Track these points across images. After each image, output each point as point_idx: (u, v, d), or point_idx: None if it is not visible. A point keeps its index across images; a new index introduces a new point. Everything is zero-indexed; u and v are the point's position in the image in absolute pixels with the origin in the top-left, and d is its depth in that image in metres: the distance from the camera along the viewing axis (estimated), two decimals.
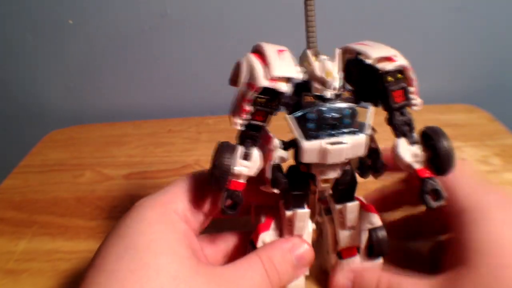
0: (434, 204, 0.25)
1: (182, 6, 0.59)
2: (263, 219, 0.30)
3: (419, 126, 0.27)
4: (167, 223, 0.25)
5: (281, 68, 0.23)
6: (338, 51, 0.25)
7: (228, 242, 0.31)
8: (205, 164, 0.52)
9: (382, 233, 0.30)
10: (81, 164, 0.54)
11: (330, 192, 0.30)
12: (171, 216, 0.26)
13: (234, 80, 0.26)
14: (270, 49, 0.24)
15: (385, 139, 0.27)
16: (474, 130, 0.56)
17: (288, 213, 0.28)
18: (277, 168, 0.26)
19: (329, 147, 0.24)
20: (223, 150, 0.25)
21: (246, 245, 0.30)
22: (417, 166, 0.26)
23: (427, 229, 0.35)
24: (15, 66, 0.67)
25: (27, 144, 0.60)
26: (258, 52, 0.25)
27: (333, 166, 0.26)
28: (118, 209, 0.45)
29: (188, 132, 0.60)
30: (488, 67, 0.64)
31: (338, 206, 0.29)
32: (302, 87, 0.25)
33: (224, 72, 0.33)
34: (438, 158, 0.25)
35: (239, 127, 0.25)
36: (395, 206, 0.35)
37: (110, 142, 0.59)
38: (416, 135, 0.27)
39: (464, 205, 0.27)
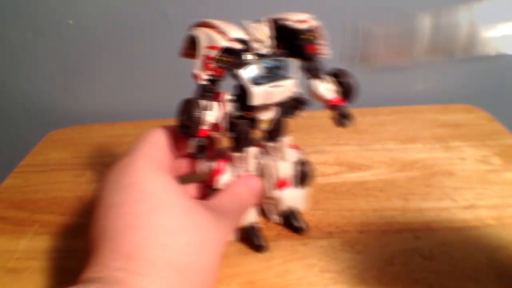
0: (346, 123, 0.33)
1: (182, 6, 0.59)
2: (214, 165, 0.35)
3: (418, 125, 0.27)
4: (160, 170, 0.31)
5: (235, 31, 0.30)
6: (265, 18, 0.33)
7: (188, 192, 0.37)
8: None
9: (307, 164, 0.38)
10: (81, 163, 0.54)
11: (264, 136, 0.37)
12: (158, 165, 0.31)
13: (188, 52, 0.33)
14: (219, 21, 0.31)
15: (387, 139, 0.27)
16: (473, 130, 0.56)
17: (240, 154, 0.35)
18: (230, 115, 0.32)
19: (273, 89, 0.31)
20: (192, 104, 0.30)
21: (205, 192, 0.36)
22: (330, 97, 0.34)
23: None
24: (15, 66, 0.67)
25: (27, 144, 0.60)
26: (207, 25, 0.31)
27: (271, 107, 0.33)
28: None
29: None
30: (487, 67, 0.64)
31: (274, 143, 0.36)
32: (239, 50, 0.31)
33: None
34: (346, 90, 0.33)
35: (204, 82, 0.31)
36: None
37: (110, 142, 0.59)
38: (326, 76, 0.34)
39: None
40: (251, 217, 0.37)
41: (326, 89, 0.34)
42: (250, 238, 0.37)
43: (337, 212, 0.42)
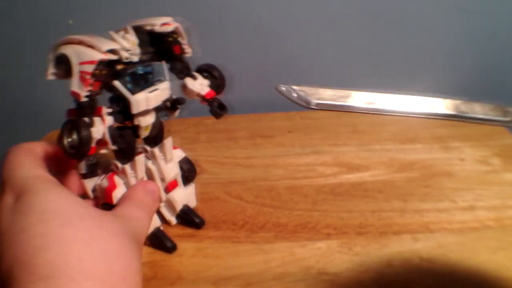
0: (220, 113, 0.35)
1: (182, 6, 0.59)
2: (105, 182, 0.34)
3: (417, 125, 0.27)
4: (57, 185, 0.30)
5: (106, 43, 0.30)
6: (130, 27, 0.33)
7: None
8: (204, 164, 0.52)
9: (189, 163, 0.40)
10: None
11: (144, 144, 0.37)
12: (52, 181, 0.31)
13: (56, 73, 0.32)
14: (85, 36, 0.30)
15: (386, 139, 0.27)
16: (473, 130, 0.56)
17: (128, 164, 0.35)
18: (112, 128, 0.32)
19: (150, 94, 0.32)
20: (78, 124, 0.30)
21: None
22: (204, 92, 0.35)
23: None
24: (15, 66, 0.67)
25: None
26: (74, 41, 0.30)
27: (151, 113, 0.34)
28: None
29: (186, 133, 0.60)
30: (487, 67, 0.64)
31: (157, 147, 0.37)
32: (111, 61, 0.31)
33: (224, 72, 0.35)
34: (217, 83, 0.36)
35: (84, 99, 0.30)
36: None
37: None
38: (195, 73, 0.36)
39: None
40: (154, 222, 0.38)
41: (199, 84, 0.35)
42: (159, 242, 0.38)
43: (335, 213, 0.42)
